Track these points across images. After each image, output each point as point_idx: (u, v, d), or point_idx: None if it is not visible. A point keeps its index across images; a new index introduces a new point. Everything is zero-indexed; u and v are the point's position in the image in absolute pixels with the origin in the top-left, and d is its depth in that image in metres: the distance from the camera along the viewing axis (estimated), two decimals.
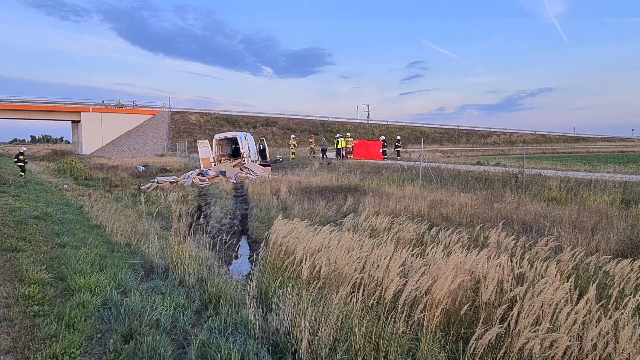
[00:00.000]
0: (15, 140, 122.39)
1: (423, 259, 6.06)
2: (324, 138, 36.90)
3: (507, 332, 4.13)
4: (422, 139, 22.21)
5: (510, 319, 3.91)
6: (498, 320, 4.06)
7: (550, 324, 3.96)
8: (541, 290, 4.30)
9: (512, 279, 5.06)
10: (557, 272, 5.16)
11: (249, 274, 8.45)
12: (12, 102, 54.55)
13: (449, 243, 7.34)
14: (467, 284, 5.19)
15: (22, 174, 21.13)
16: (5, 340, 3.77)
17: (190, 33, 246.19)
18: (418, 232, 8.52)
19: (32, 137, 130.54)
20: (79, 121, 57.22)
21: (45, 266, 5.93)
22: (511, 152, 53.45)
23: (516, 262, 5.57)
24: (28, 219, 9.48)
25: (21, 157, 21.81)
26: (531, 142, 78.43)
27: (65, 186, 21.25)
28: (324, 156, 30.83)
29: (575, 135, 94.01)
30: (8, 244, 7.01)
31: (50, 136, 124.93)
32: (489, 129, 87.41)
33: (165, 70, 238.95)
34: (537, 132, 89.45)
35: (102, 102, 60.91)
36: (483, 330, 3.85)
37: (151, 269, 7.10)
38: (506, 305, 4.35)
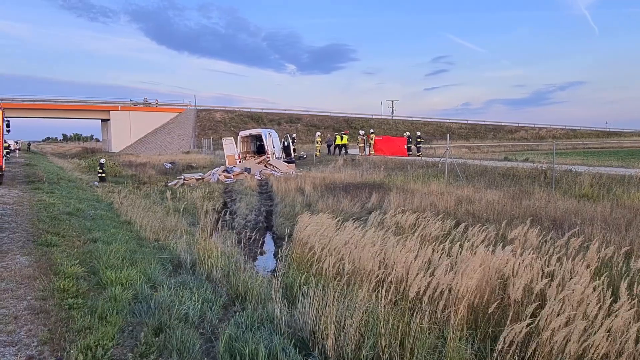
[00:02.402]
0: (48, 138, 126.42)
1: (449, 255, 5.99)
2: (329, 135, 37.17)
3: (536, 331, 4.06)
4: (448, 135, 21.88)
5: (540, 318, 3.84)
6: (527, 319, 3.99)
7: (582, 323, 3.86)
8: (572, 289, 4.20)
9: (541, 277, 4.95)
10: (587, 270, 5.03)
11: (274, 269, 8.53)
12: (45, 101, 56.30)
13: (476, 240, 7.23)
14: (495, 281, 5.11)
15: (104, 183, 22.24)
16: (42, 332, 3.92)
17: (214, 31, 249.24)
18: (444, 229, 8.43)
19: (64, 136, 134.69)
20: (108, 120, 58.67)
21: (78, 260, 6.13)
22: (540, 147, 52.17)
23: (545, 260, 5.45)
24: (61, 215, 9.80)
25: (99, 170, 23.56)
26: (561, 137, 76.34)
27: (96, 183, 21.86)
28: (333, 152, 32.08)
29: (608, 129, 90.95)
30: (43, 239, 7.26)
31: (81, 134, 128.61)
32: (517, 124, 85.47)
33: (190, 69, 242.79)
34: (567, 127, 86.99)
35: (130, 100, 62.26)
36: (511, 327, 3.79)
37: (179, 264, 7.24)
38: (536, 303, 4.27)
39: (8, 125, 17.49)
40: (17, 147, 45.22)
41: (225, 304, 5.65)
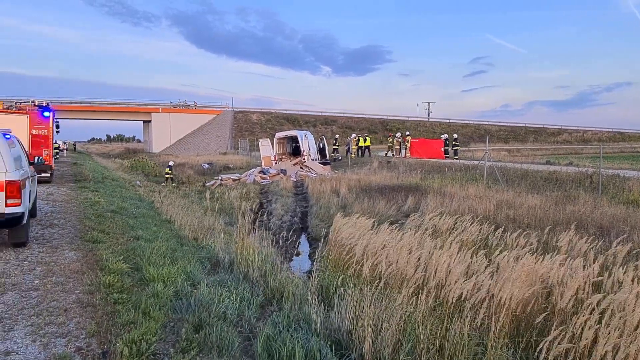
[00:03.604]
0: (93, 139, 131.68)
1: (489, 261, 5.85)
2: (348, 138, 37.22)
3: (581, 341, 3.90)
4: (487, 137, 21.37)
5: (589, 329, 3.69)
6: (572, 327, 3.84)
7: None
8: (624, 301, 4.01)
9: (588, 287, 4.76)
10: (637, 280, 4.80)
11: (309, 271, 8.57)
12: (91, 103, 58.87)
13: (517, 246, 7.03)
14: (538, 289, 4.95)
15: (173, 185, 23.49)
16: (90, 325, 4.08)
17: (252, 35, 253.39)
18: (483, 234, 8.23)
19: (108, 136, 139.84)
20: (149, 121, 60.56)
21: (122, 257, 6.35)
22: (584, 151, 50.08)
23: (594, 269, 5.22)
24: (106, 213, 10.18)
25: (167, 170, 24.98)
26: (607, 140, 73.02)
27: (138, 182, 22.60)
28: (357, 154, 32.00)
29: None
30: (90, 236, 7.57)
31: (124, 135, 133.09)
32: (559, 127, 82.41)
33: (228, 71, 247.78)
34: (614, 130, 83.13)
35: (170, 102, 64.06)
36: (554, 337, 3.66)
37: (217, 263, 7.38)
38: (582, 314, 4.10)
39: (57, 127, 18.34)
40: (65, 147, 47.32)
41: (262, 304, 5.72)
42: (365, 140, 32.53)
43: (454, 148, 29.49)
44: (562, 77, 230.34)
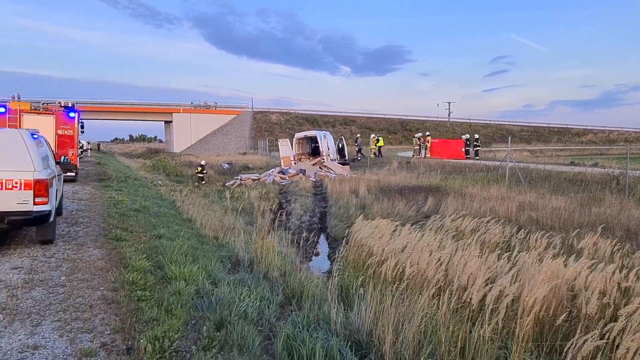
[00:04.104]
0: (116, 139, 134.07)
1: (512, 263, 5.76)
2: (357, 136, 37.23)
3: (607, 347, 3.81)
4: (509, 138, 21.01)
5: (616, 335, 3.60)
6: (598, 335, 3.75)
7: None
8: None
9: (615, 291, 4.64)
10: None
11: (329, 271, 8.57)
12: (114, 104, 60.03)
13: (540, 248, 6.90)
14: (563, 293, 4.85)
15: (202, 182, 24.42)
16: (115, 321, 4.17)
17: (272, 36, 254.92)
18: (505, 235, 8.11)
19: (130, 136, 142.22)
20: (170, 121, 61.44)
21: (145, 255, 6.46)
22: (610, 151, 48.80)
23: (622, 273, 5.09)
24: (129, 212, 10.37)
25: (199, 169, 25.75)
26: (634, 140, 71.03)
27: (159, 182, 22.96)
28: (361, 155, 32.38)
29: None
30: (114, 234, 7.72)
31: (146, 135, 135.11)
32: (584, 127, 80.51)
33: (248, 72, 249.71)
34: None
35: (191, 103, 64.86)
36: (582, 342, 3.58)
37: (237, 262, 7.44)
38: (609, 318, 4.01)
39: (82, 127, 18.77)
40: (89, 147, 48.35)
41: (282, 303, 5.74)
42: (377, 141, 32.82)
43: (475, 148, 29.12)
44: (586, 76, 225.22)
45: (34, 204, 6.30)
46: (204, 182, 24.27)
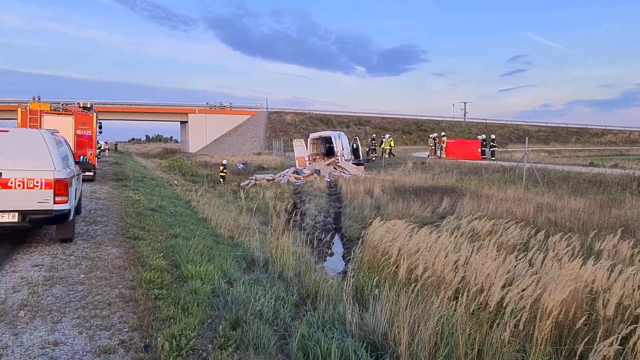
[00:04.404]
0: (133, 139, 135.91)
1: (530, 265, 5.68)
2: (370, 139, 37.14)
3: (630, 352, 3.74)
4: (527, 138, 20.73)
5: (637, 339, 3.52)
6: (618, 339, 3.68)
7: None
8: None
9: (638, 295, 4.54)
10: None
11: (343, 271, 8.55)
12: (131, 105, 60.85)
13: (559, 250, 6.79)
14: (582, 296, 4.77)
15: (223, 182, 25.23)
16: (132, 319, 4.22)
17: (286, 36, 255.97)
18: (522, 237, 8.00)
19: (147, 137, 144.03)
20: (186, 122, 62.07)
21: (162, 254, 6.53)
22: (631, 152, 47.89)
23: None
24: (146, 211, 10.50)
25: (221, 167, 26.56)
26: None
27: (175, 182, 23.19)
28: (373, 155, 32.54)
29: None
30: (131, 233, 7.82)
31: (162, 135, 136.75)
32: (603, 127, 79.06)
33: (262, 73, 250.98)
34: None
35: (207, 103, 65.43)
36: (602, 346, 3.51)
37: (252, 262, 7.48)
38: (630, 322, 3.93)
39: (100, 127, 19.05)
40: (107, 147, 49.07)
41: (297, 303, 5.75)
42: (383, 142, 32.82)
43: (491, 149, 28.81)
44: (605, 75, 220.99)
45: (54, 202, 6.42)
46: (223, 181, 24.88)
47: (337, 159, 26.58)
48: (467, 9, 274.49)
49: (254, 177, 24.87)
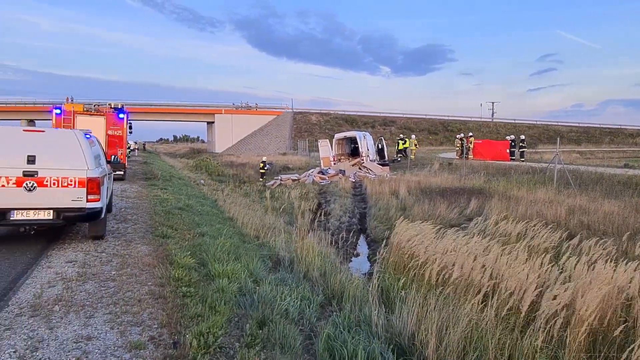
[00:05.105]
0: (161, 139, 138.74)
1: (562, 269, 5.52)
2: (398, 139, 36.57)
3: None
4: (558, 138, 20.16)
5: None
6: None
7: None
8: None
9: None
10: None
11: (369, 272, 8.51)
12: (160, 105, 62.13)
13: (593, 254, 6.57)
14: (618, 301, 4.60)
15: (261, 179, 26.06)
16: (162, 316, 4.29)
17: (311, 37, 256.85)
18: (554, 240, 7.79)
19: (174, 137, 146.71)
20: (213, 122, 62.89)
21: (189, 252, 6.62)
22: None
23: None
24: (174, 210, 10.68)
25: (262, 165, 27.16)
26: None
27: (202, 181, 23.54)
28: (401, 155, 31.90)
29: None
30: (160, 231, 7.97)
31: (189, 136, 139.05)
32: (639, 127, 76.32)
33: (288, 73, 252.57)
34: None
35: (233, 104, 66.16)
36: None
37: (278, 261, 7.52)
38: None
39: (130, 127, 19.51)
40: (136, 147, 50.22)
41: (322, 303, 5.75)
42: (404, 142, 32.38)
43: (520, 150, 28.16)
44: None
45: (87, 201, 6.60)
46: (264, 178, 25.71)
47: (362, 160, 26.47)
48: (495, 7, 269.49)
49: (279, 177, 25.01)
